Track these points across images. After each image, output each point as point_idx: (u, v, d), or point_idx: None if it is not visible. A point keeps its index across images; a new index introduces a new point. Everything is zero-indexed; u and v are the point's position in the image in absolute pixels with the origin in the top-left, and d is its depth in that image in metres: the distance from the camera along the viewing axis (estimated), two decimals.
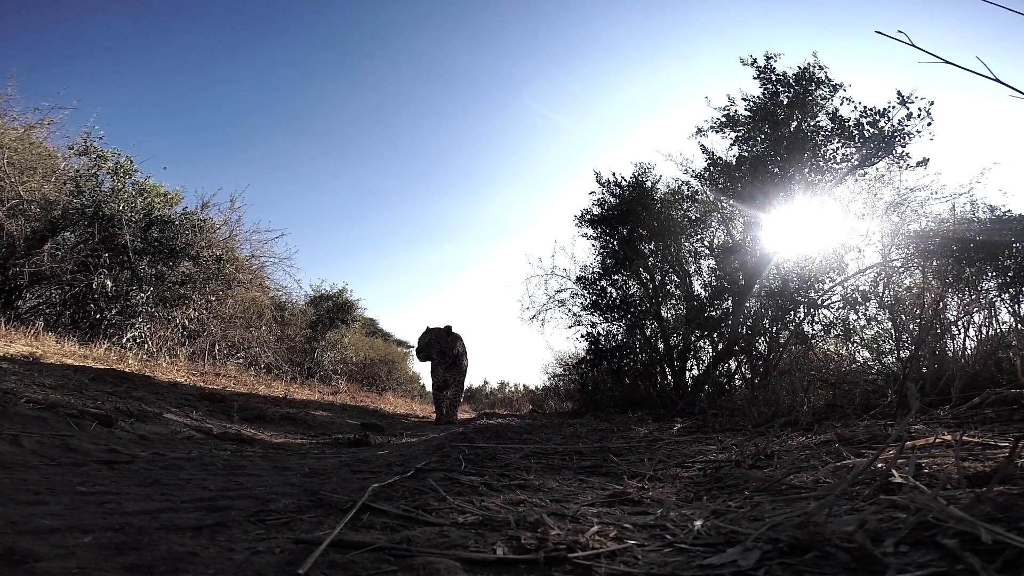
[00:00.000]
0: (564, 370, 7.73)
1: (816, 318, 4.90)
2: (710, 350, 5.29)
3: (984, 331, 2.42)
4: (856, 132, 4.81)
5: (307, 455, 1.91)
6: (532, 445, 1.88)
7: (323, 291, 11.61)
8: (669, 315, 5.70)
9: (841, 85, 4.99)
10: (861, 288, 4.79)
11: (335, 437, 2.80)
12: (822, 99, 5.03)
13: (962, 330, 2.46)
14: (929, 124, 4.62)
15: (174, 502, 0.84)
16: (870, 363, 3.59)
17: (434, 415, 6.15)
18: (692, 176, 5.68)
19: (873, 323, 4.58)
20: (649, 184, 5.88)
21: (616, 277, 5.87)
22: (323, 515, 0.75)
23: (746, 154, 5.21)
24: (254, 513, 0.76)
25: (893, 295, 4.34)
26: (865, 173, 5.01)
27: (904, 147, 4.73)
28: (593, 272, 6.01)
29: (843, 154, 4.98)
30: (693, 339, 5.24)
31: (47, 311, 6.77)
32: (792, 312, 4.91)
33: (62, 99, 7.21)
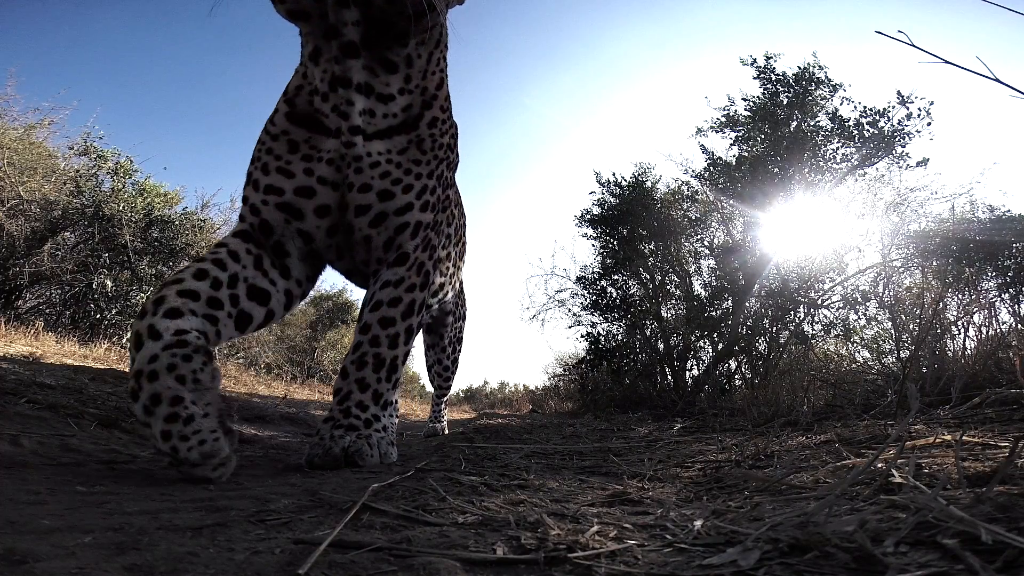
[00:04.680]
0: (564, 370, 7.73)
1: (816, 318, 4.90)
2: (710, 350, 5.30)
3: (984, 331, 2.42)
4: (856, 132, 4.82)
5: None
6: (532, 445, 1.89)
7: (323, 291, 11.61)
8: (669, 315, 5.70)
9: (841, 85, 5.00)
10: (861, 288, 4.79)
11: None
12: (822, 99, 5.04)
13: (962, 330, 2.46)
14: (929, 124, 4.63)
15: (174, 502, 0.84)
16: (870, 363, 3.59)
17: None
18: (692, 176, 5.69)
19: (873, 323, 4.58)
20: (649, 184, 5.88)
21: (616, 277, 5.87)
22: (323, 515, 0.75)
23: (746, 154, 5.22)
24: (254, 513, 0.75)
25: (893, 295, 4.34)
26: (865, 173, 5.02)
27: (904, 147, 4.74)
28: (593, 272, 6.02)
29: (843, 154, 4.98)
30: (693, 339, 5.24)
31: (47, 311, 6.77)
32: (792, 312, 4.91)
33: (62, 99, 7.23)
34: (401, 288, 1.51)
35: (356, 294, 11.78)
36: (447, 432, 3.44)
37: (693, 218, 5.70)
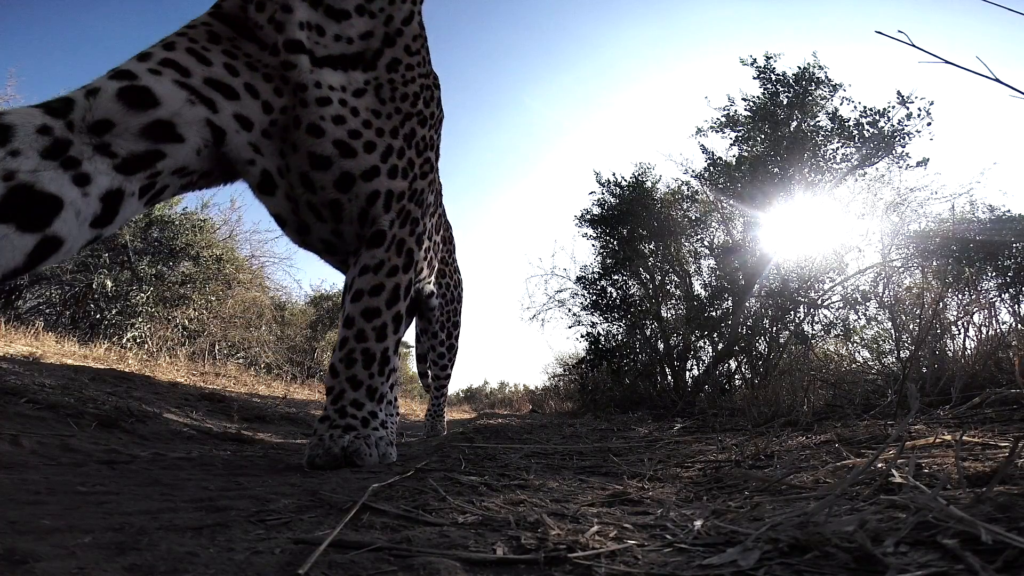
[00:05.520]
0: (564, 370, 7.74)
1: (816, 318, 4.90)
2: (710, 350, 5.30)
3: (984, 331, 2.42)
4: (856, 132, 4.82)
5: None
6: (532, 445, 1.89)
7: (323, 291, 11.62)
8: (669, 315, 5.70)
9: (841, 85, 5.00)
10: (861, 288, 4.79)
11: None
12: (822, 99, 5.04)
13: (962, 330, 2.46)
14: (929, 124, 4.63)
15: (174, 502, 0.84)
16: (870, 363, 3.59)
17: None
18: (692, 176, 5.69)
19: (873, 323, 4.58)
20: (649, 184, 5.89)
21: (616, 277, 5.88)
22: (323, 515, 0.75)
23: (746, 154, 5.22)
24: (254, 513, 0.75)
25: (893, 295, 4.34)
26: (865, 173, 5.02)
27: (904, 147, 4.75)
28: (593, 272, 6.03)
29: (843, 154, 4.99)
30: (693, 339, 5.24)
31: (47, 311, 6.77)
32: (792, 312, 4.91)
33: None
34: (382, 273, 1.34)
35: None
36: (446, 432, 3.42)
37: (693, 218, 5.71)
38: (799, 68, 5.08)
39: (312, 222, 1.36)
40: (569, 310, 6.14)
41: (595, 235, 6.04)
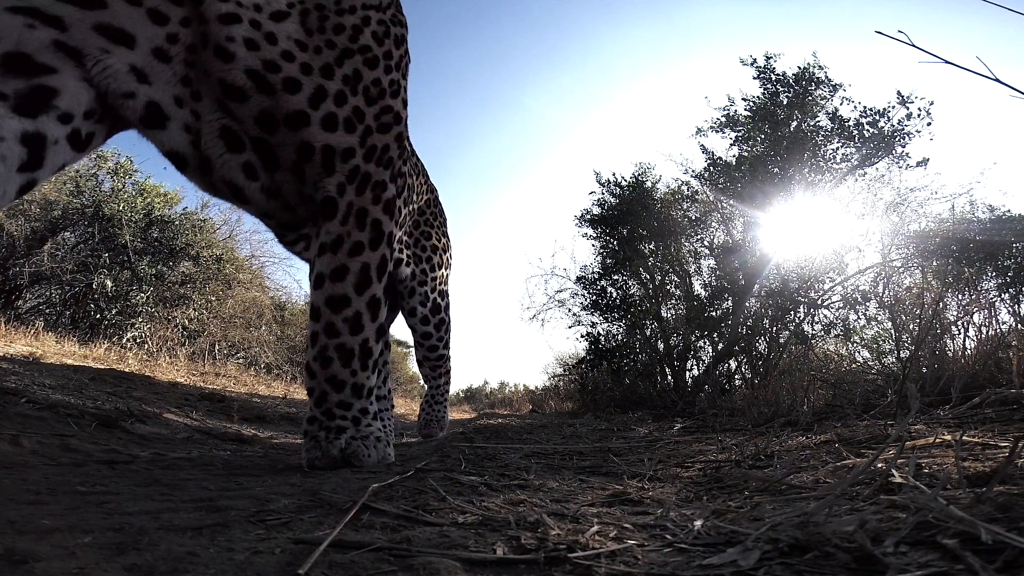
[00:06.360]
0: (564, 370, 7.74)
1: (816, 318, 4.90)
2: (710, 350, 5.30)
3: (984, 331, 2.42)
4: (856, 132, 4.82)
5: None
6: (532, 445, 1.89)
7: None
8: (669, 315, 5.70)
9: (841, 85, 5.00)
10: (861, 288, 4.79)
11: None
12: (822, 99, 5.04)
13: (962, 330, 2.46)
14: (929, 124, 4.63)
15: (174, 502, 0.84)
16: (870, 363, 3.59)
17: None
18: (692, 176, 5.70)
19: (873, 323, 4.58)
20: (649, 184, 5.89)
21: (616, 277, 5.88)
22: (323, 515, 0.75)
23: (746, 154, 5.22)
24: (254, 513, 0.75)
25: (893, 295, 4.34)
26: (865, 173, 5.02)
27: (904, 147, 4.75)
28: (593, 272, 6.03)
29: (843, 154, 4.99)
30: (693, 339, 5.24)
31: (47, 311, 6.77)
32: (792, 312, 4.91)
33: None
34: (342, 252, 1.16)
35: None
36: (448, 425, 3.37)
37: (693, 218, 5.71)
38: (799, 68, 5.08)
39: (215, 155, 1.11)
40: (569, 310, 6.14)
41: (595, 235, 6.04)
